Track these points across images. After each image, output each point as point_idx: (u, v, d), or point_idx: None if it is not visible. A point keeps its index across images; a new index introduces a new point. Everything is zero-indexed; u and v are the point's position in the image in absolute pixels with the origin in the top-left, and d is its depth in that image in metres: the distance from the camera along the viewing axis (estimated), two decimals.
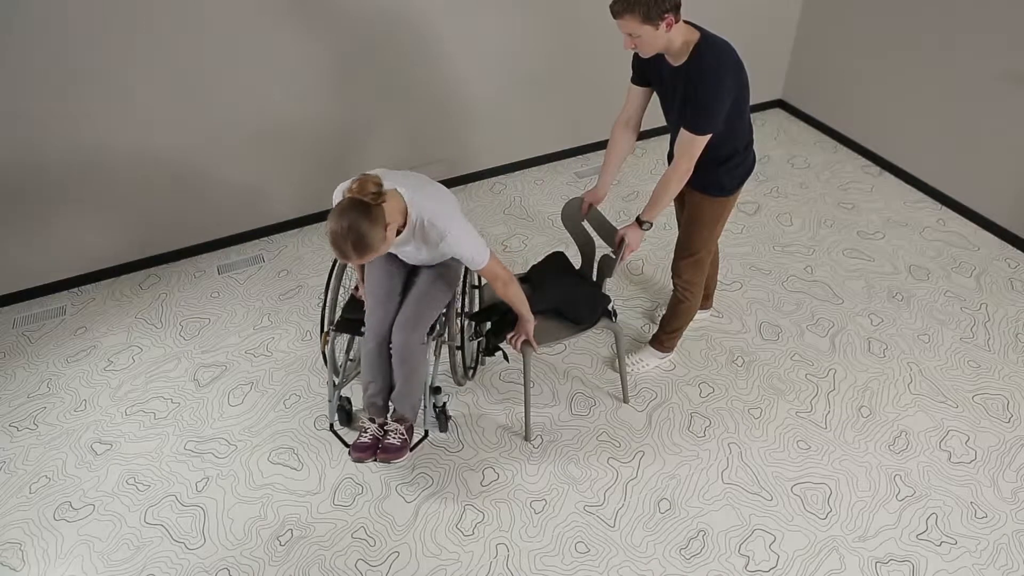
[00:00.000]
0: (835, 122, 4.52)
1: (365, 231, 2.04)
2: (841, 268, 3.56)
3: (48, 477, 2.70)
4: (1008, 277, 3.49)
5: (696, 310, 2.91)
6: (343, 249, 2.06)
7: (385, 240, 2.11)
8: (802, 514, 2.53)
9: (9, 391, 3.04)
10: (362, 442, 2.46)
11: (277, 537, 2.49)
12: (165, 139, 3.36)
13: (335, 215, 2.04)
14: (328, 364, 2.73)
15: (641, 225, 2.50)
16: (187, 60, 3.20)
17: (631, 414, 2.88)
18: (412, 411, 2.51)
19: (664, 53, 2.29)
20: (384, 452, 2.47)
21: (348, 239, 2.04)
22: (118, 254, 3.60)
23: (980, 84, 3.58)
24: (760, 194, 4.09)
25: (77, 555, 2.45)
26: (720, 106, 2.25)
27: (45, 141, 3.15)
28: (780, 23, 4.50)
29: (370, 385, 2.52)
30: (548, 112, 4.18)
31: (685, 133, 2.30)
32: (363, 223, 2.04)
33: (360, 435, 2.49)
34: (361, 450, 2.44)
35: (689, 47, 2.24)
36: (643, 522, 2.51)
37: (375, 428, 2.50)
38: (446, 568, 2.40)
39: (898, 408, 2.88)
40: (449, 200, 2.32)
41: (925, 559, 2.39)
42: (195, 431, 2.86)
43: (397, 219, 2.19)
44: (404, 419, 2.51)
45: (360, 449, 2.44)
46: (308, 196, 3.87)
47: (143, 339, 3.28)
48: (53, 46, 2.95)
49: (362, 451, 2.44)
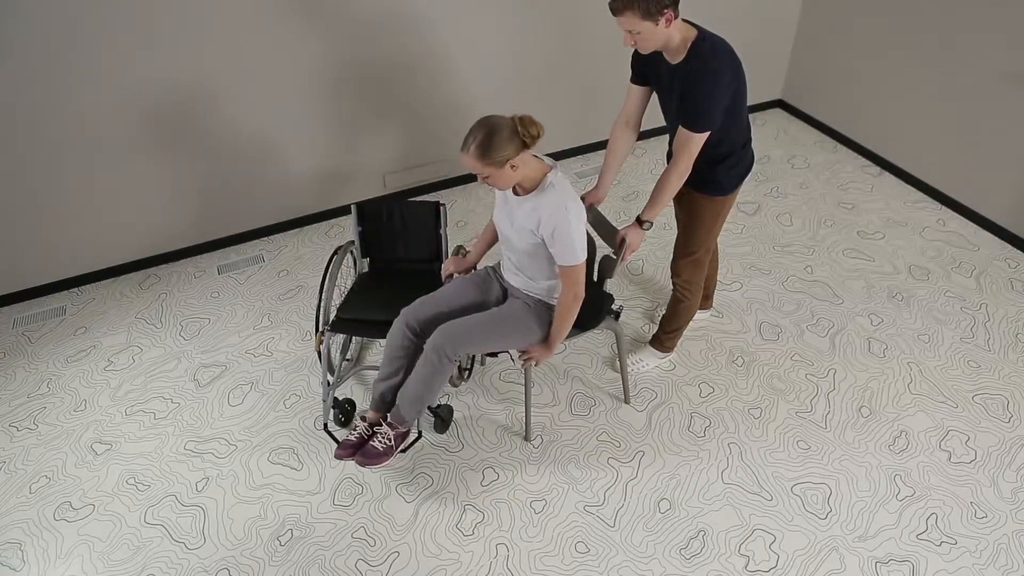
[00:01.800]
0: (835, 122, 4.52)
1: (498, 135, 2.09)
2: (841, 268, 3.56)
3: (48, 477, 2.70)
4: (1008, 277, 3.49)
5: (695, 310, 2.91)
6: (468, 137, 2.12)
7: (504, 166, 2.13)
8: (802, 514, 2.53)
9: (9, 391, 3.04)
10: (348, 440, 2.48)
11: (277, 537, 2.49)
12: (164, 139, 3.36)
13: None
14: (323, 363, 2.73)
15: (641, 225, 2.50)
16: (187, 61, 3.20)
17: (631, 414, 2.88)
18: (412, 416, 2.49)
19: (663, 51, 2.30)
20: (363, 456, 2.44)
21: (482, 129, 2.11)
22: (118, 254, 3.60)
23: (980, 84, 3.58)
24: (760, 194, 4.09)
25: (77, 555, 2.45)
26: (718, 104, 2.25)
27: (45, 140, 3.15)
28: (780, 23, 4.50)
29: (386, 379, 2.52)
30: (548, 112, 4.18)
31: (683, 131, 2.30)
32: (503, 131, 2.10)
33: (350, 433, 2.51)
34: (345, 448, 2.46)
35: (687, 45, 2.25)
36: (643, 522, 2.52)
37: (364, 427, 2.51)
38: (446, 568, 2.40)
39: (898, 408, 2.88)
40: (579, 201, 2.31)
41: (925, 559, 2.39)
42: (195, 431, 2.86)
43: (528, 175, 2.23)
44: (402, 422, 2.48)
45: (344, 447, 2.46)
46: (308, 196, 3.86)
47: (143, 339, 3.28)
48: (52, 46, 2.96)
49: (345, 449, 2.45)
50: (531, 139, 2.14)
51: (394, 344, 2.49)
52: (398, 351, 2.49)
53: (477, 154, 2.11)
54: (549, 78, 4.05)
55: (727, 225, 3.85)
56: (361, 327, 2.68)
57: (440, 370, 2.41)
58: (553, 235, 2.23)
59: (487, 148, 2.10)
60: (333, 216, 3.98)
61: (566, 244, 2.22)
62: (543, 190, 2.24)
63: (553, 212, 2.20)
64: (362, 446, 2.47)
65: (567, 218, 2.19)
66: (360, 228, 2.89)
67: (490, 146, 2.10)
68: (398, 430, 2.49)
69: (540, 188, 2.25)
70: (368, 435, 2.51)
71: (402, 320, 2.49)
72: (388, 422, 2.49)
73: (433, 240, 2.89)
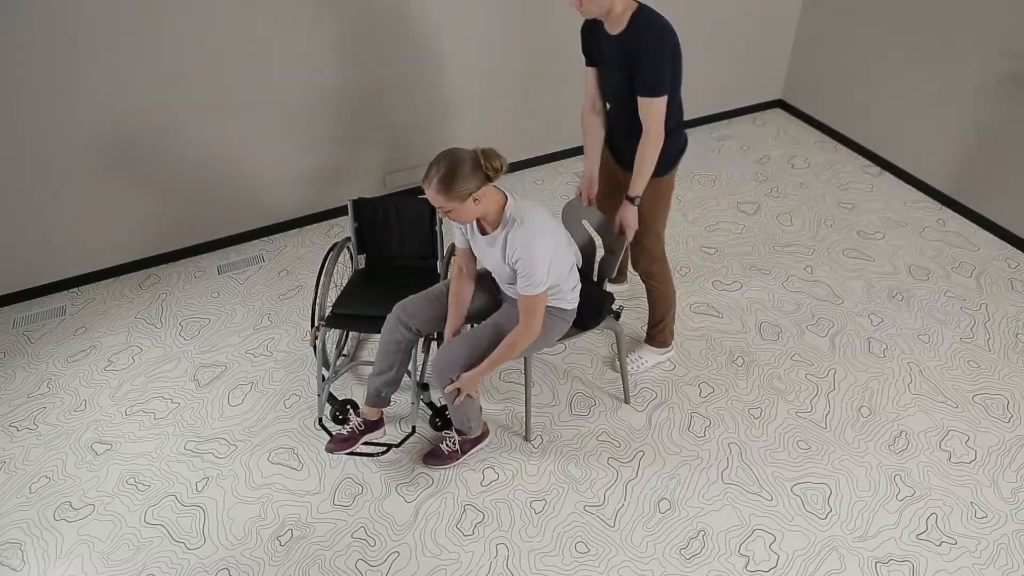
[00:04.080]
0: (835, 122, 4.52)
1: (460, 169, 2.07)
2: (841, 268, 3.56)
3: (48, 477, 2.70)
4: (1008, 277, 3.49)
5: (672, 296, 2.91)
6: (431, 170, 2.09)
7: (466, 201, 2.11)
8: (802, 514, 2.53)
9: (9, 391, 3.04)
10: (341, 434, 2.53)
11: (277, 537, 2.49)
12: (164, 139, 3.36)
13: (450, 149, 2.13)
14: (318, 359, 2.75)
15: (632, 202, 2.52)
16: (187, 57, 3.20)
17: (631, 414, 2.88)
18: (468, 427, 2.61)
19: (604, 20, 2.37)
20: (430, 455, 2.66)
21: (444, 162, 2.08)
22: (118, 254, 3.60)
23: (980, 84, 3.58)
24: (760, 194, 4.09)
25: (77, 555, 2.45)
26: (665, 68, 2.31)
27: (44, 141, 3.15)
28: (780, 23, 4.50)
29: (380, 374, 2.55)
30: (548, 112, 4.18)
31: (643, 101, 2.35)
32: (465, 165, 2.08)
33: (343, 426, 2.56)
34: (337, 442, 2.51)
35: (627, 15, 2.32)
36: (643, 522, 2.52)
37: (357, 422, 2.55)
38: (446, 568, 2.40)
39: (898, 408, 2.88)
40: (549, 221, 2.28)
41: (925, 559, 2.39)
42: (195, 431, 2.86)
43: (489, 208, 2.20)
44: (459, 431, 2.63)
45: (336, 441, 2.51)
46: (307, 196, 3.86)
47: (143, 339, 3.28)
48: (50, 48, 2.96)
49: (337, 443, 2.50)
50: (494, 172, 2.12)
51: (388, 339, 2.51)
52: (392, 345, 2.51)
53: (440, 188, 2.08)
54: (549, 78, 4.05)
55: (727, 225, 3.85)
56: (356, 322, 2.70)
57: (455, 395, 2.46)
58: (516, 266, 2.24)
59: (450, 183, 2.08)
60: (333, 216, 3.98)
61: (527, 276, 2.21)
62: (508, 227, 2.23)
63: (519, 247, 2.20)
64: (354, 440, 2.53)
65: (531, 254, 2.18)
66: (356, 224, 2.90)
67: (453, 180, 2.07)
68: (464, 436, 2.65)
69: (503, 224, 2.24)
70: (361, 430, 2.55)
71: (395, 315, 2.50)
72: (456, 428, 2.63)
73: (429, 237, 2.90)
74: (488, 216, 2.24)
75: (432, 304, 2.51)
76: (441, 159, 2.10)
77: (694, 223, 3.88)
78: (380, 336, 2.53)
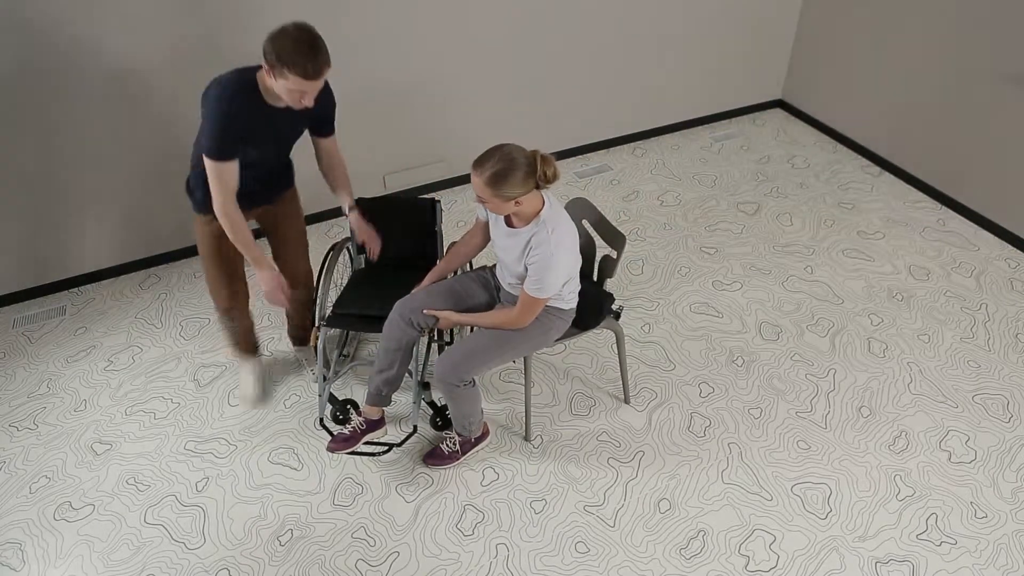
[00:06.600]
0: (835, 122, 4.52)
1: (514, 174, 2.07)
2: (841, 268, 3.56)
3: (48, 477, 2.70)
4: (1008, 277, 3.49)
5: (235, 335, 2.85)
6: (486, 161, 2.08)
7: (511, 199, 2.12)
8: (802, 514, 2.53)
9: (9, 391, 3.04)
10: (342, 434, 2.52)
11: (277, 537, 2.49)
12: (163, 139, 3.36)
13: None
14: (318, 358, 2.75)
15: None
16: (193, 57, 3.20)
17: (631, 414, 2.89)
18: (467, 431, 2.62)
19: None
20: (429, 455, 2.66)
21: (501, 160, 2.07)
22: (118, 254, 3.60)
23: (980, 84, 3.58)
24: (760, 194, 4.09)
25: (77, 555, 2.45)
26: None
27: (44, 140, 3.15)
28: (780, 23, 4.50)
29: (381, 372, 2.55)
30: (548, 112, 4.18)
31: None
32: (519, 172, 2.07)
33: (344, 426, 2.56)
34: (337, 441, 2.51)
35: None
36: (643, 522, 2.52)
37: (358, 421, 2.55)
38: (446, 568, 2.40)
39: (898, 408, 2.88)
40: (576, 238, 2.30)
41: (925, 559, 2.39)
42: (195, 431, 2.86)
43: (525, 210, 2.20)
44: (459, 433, 2.63)
45: (337, 440, 2.51)
46: (307, 197, 3.86)
47: (143, 339, 3.28)
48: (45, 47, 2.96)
49: (338, 443, 2.50)
50: (545, 180, 2.13)
51: (390, 337, 2.50)
52: (393, 343, 2.51)
53: (489, 182, 2.09)
54: (549, 78, 4.05)
55: (726, 225, 3.85)
56: (356, 322, 2.70)
57: (458, 395, 2.45)
58: (531, 267, 2.24)
59: (500, 183, 2.08)
60: (333, 216, 3.98)
61: (538, 281, 2.23)
62: (536, 229, 2.23)
63: (541, 253, 2.20)
64: (356, 440, 2.52)
65: (550, 263, 2.19)
66: None
67: (503, 182, 2.08)
68: (464, 437, 2.65)
69: (534, 224, 2.24)
70: (363, 430, 2.54)
71: (397, 312, 2.49)
72: (456, 431, 2.64)
73: (429, 237, 2.90)
74: (521, 214, 2.25)
75: (434, 298, 2.51)
76: (500, 155, 2.09)
77: (694, 223, 3.88)
78: (381, 334, 2.53)
